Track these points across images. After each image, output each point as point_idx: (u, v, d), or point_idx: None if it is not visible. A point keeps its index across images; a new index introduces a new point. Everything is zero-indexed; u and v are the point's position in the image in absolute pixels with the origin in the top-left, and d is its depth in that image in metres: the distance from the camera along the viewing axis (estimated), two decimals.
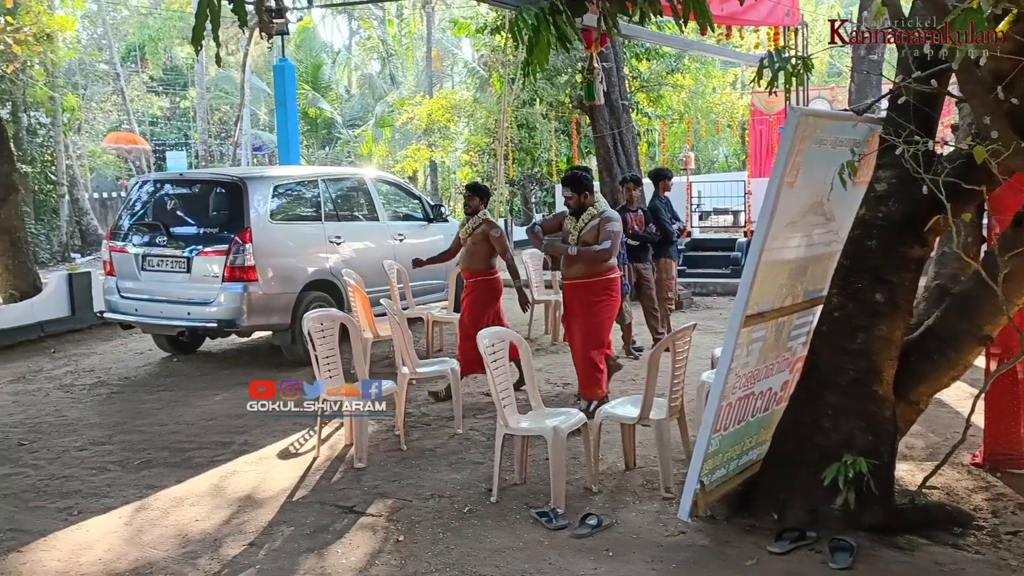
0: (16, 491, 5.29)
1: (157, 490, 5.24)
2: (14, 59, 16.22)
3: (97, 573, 4.16)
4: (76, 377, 8.36)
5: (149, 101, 32.95)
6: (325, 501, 4.99)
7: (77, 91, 24.50)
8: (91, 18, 29.25)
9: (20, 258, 11.02)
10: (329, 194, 9.02)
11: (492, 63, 20.12)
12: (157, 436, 6.34)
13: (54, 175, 20.53)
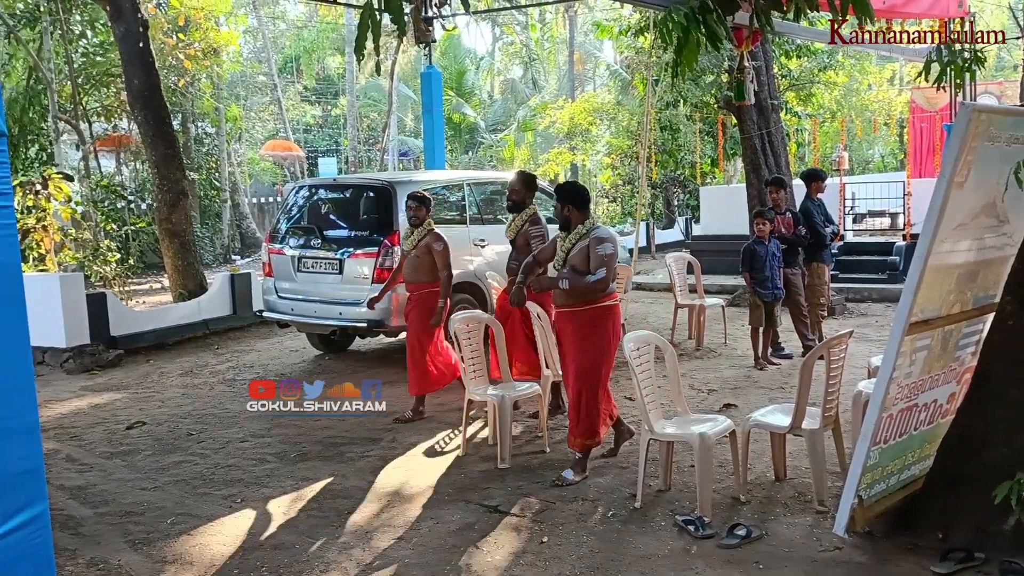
0: (186, 478, 5.64)
1: (312, 482, 5.47)
2: (185, 73, 17.35)
3: (259, 559, 4.37)
4: (237, 372, 8.84)
5: (303, 110, 34.52)
6: (470, 500, 5.07)
7: (238, 102, 25.94)
8: (252, 33, 30.91)
9: (189, 259, 11.74)
10: (473, 197, 9.17)
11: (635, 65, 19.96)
12: (311, 430, 6.61)
13: (218, 181, 21.80)
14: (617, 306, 5.44)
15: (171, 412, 7.36)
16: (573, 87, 31.18)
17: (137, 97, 11.19)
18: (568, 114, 22.86)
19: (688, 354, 8.83)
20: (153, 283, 15.64)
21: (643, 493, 4.86)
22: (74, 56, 16.20)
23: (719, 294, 11.32)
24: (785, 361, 8.29)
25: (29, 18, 16.06)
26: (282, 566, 4.28)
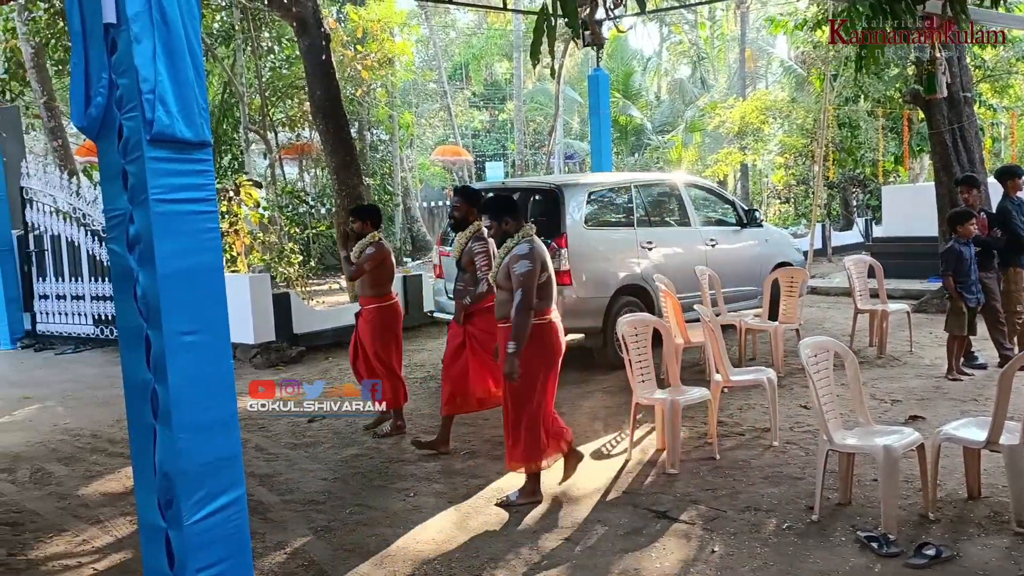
0: (363, 471, 5.89)
1: (481, 479, 5.58)
2: (361, 83, 18.17)
3: (431, 551, 4.50)
4: (409, 371, 9.13)
5: (471, 115, 35.38)
6: (638, 504, 5.02)
7: (411, 109, 26.90)
8: (423, 42, 31.98)
9: None
10: (641, 200, 9.09)
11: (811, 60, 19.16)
12: (480, 429, 6.75)
13: (391, 186, 22.68)
14: (550, 324, 5.01)
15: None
16: (744, 85, 30.33)
17: (319, 107, 11.79)
18: (739, 113, 22.26)
19: (869, 362, 8.37)
20: (332, 284, 16.45)
21: (821, 506, 4.65)
22: (263, 71, 17.30)
23: (903, 299, 10.69)
24: (979, 372, 7.72)
25: (224, 37, 17.28)
26: (453, 560, 4.38)
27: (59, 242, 11.96)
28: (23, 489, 5.91)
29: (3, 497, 5.77)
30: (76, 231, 11.73)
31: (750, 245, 9.84)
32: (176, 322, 2.68)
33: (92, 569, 4.55)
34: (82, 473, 6.23)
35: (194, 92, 2.71)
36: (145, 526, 2.83)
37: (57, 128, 14.49)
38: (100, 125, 2.64)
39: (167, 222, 2.66)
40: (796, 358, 4.75)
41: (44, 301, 12.20)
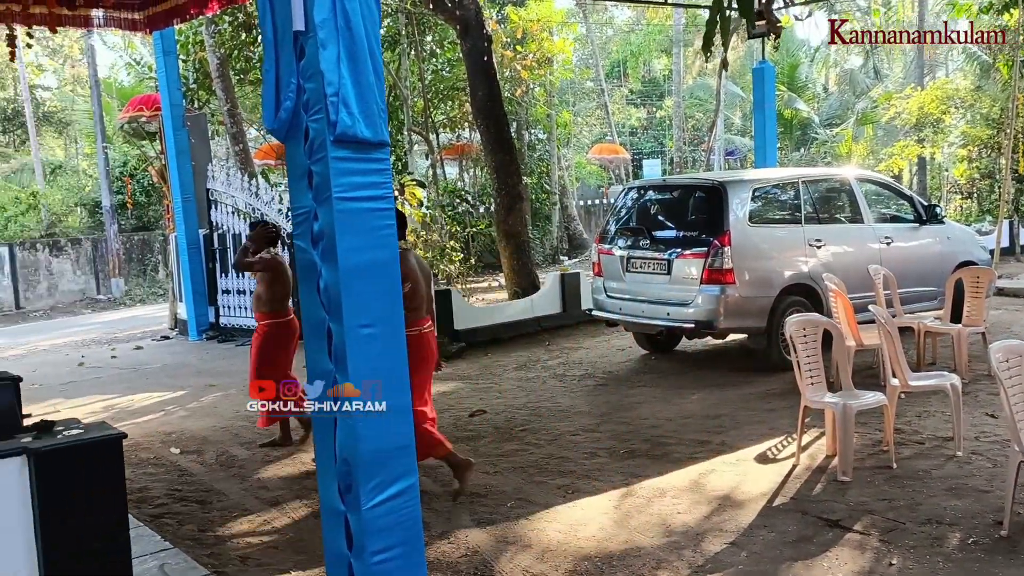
0: (522, 466, 5.96)
1: (640, 479, 5.52)
2: (521, 83, 18.41)
3: (592, 548, 4.50)
4: (567, 368, 9.18)
5: (628, 113, 35.13)
6: (807, 511, 4.83)
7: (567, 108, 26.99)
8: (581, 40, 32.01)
9: (523, 260, 12.42)
10: (809, 196, 8.74)
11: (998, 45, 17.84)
12: (639, 428, 6.69)
13: (548, 185, 22.84)
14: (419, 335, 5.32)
15: (508, 403, 7.82)
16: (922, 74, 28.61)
17: (480, 108, 12.02)
18: (916, 103, 21.02)
19: None
20: (491, 281, 16.76)
21: (1011, 521, 4.32)
22: (425, 74, 17.82)
23: None
24: None
25: (390, 42, 17.92)
26: (614, 558, 4.36)
27: (240, 240, 12.74)
28: (210, 470, 6.34)
29: (193, 477, 6.21)
30: None
31: (930, 243, 9.28)
32: (355, 315, 2.81)
33: (272, 548, 4.82)
34: (261, 457, 6.62)
35: (374, 94, 2.83)
36: (326, 509, 2.97)
37: (239, 133, 15.46)
38: (288, 127, 2.80)
39: (348, 219, 2.79)
40: (982, 363, 4.43)
41: (226, 296, 13.04)
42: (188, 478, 6.19)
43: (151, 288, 22.23)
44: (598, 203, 26.85)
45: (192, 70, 16.07)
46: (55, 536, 3.01)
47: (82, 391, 9.49)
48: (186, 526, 5.21)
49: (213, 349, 12.22)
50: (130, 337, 14.24)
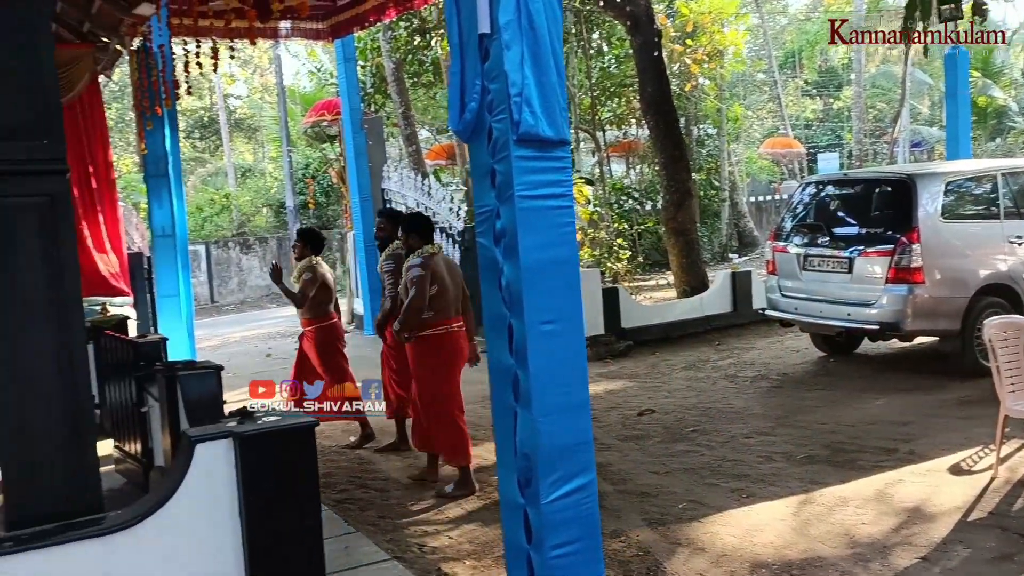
0: (694, 467, 5.86)
1: (821, 486, 5.30)
2: (690, 77, 18.08)
3: (769, 555, 4.36)
4: (739, 369, 8.94)
5: (803, 105, 33.77)
6: (1007, 527, 4.49)
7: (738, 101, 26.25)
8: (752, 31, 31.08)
9: (692, 257, 12.20)
10: (1008, 189, 8.11)
11: None
12: (817, 433, 6.42)
13: (717, 181, 22.31)
14: (447, 333, 5.69)
15: (677, 403, 7.70)
16: None
17: (650, 104, 11.90)
18: None
19: None
20: (658, 279, 16.56)
21: None
22: (592, 71, 17.81)
23: None
24: None
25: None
26: (793, 566, 4.22)
27: None
28: (387, 460, 6.60)
29: (372, 466, 6.49)
30: None
31: None
32: (536, 312, 2.85)
33: (447, 537, 4.96)
34: None
35: (556, 93, 2.86)
36: (506, 502, 3.04)
37: (412, 135, 16.00)
38: (472, 128, 2.87)
39: (530, 217, 2.83)
40: None
41: None
42: (368, 466, 6.47)
43: None
44: (770, 199, 25.95)
45: (369, 75, 16.78)
46: (256, 511, 3.22)
47: None
48: (367, 512, 5.45)
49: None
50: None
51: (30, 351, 3.25)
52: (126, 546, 3.09)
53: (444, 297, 5.70)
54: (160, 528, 3.14)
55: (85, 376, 3.39)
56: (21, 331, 3.24)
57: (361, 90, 14.41)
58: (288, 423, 3.34)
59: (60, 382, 3.30)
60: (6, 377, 3.23)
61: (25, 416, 3.22)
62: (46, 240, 3.29)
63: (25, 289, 3.25)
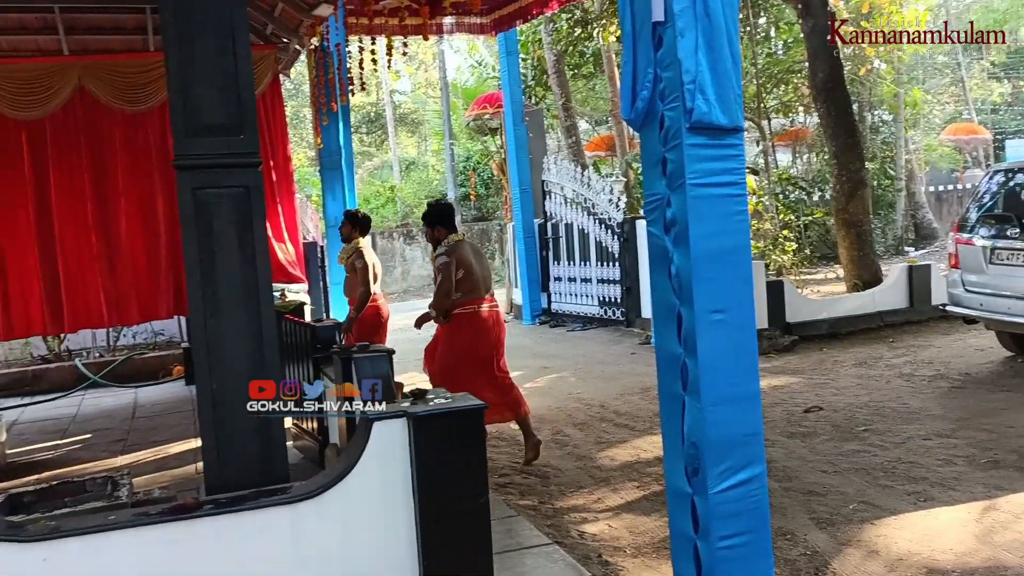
0: (866, 467, 5.62)
1: (1007, 492, 4.97)
2: (865, 62, 17.22)
3: (949, 562, 4.14)
4: (915, 368, 8.48)
5: (989, 88, 31.44)
6: None
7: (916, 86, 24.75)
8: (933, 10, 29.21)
9: (864, 250, 11.65)
10: None
11: None
12: (1004, 437, 6.02)
13: (892, 170, 21.16)
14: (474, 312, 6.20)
15: (847, 401, 7.40)
16: None
17: (821, 90, 11.45)
18: None
19: None
20: (826, 273, 15.91)
21: None
22: (758, 58, 17.28)
23: None
24: None
25: None
26: (975, 573, 3.98)
27: (571, 229, 13.29)
28: (547, 447, 6.69)
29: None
30: (586, 219, 12.92)
31: None
32: (706, 301, 2.83)
33: (607, 525, 5.00)
34: (594, 439, 6.87)
35: (731, 80, 2.82)
36: (672, 490, 3.03)
37: (572, 127, 16.06)
38: (644, 116, 2.87)
39: (701, 205, 2.81)
40: None
41: (558, 283, 13.66)
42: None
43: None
44: (951, 189, 24.37)
45: (530, 68, 16.96)
46: (428, 488, 3.37)
47: None
48: (527, 497, 5.56)
49: (545, 333, 12.87)
50: None
51: (227, 330, 3.52)
52: (310, 514, 3.31)
53: (471, 279, 6.25)
54: (340, 499, 3.34)
55: (275, 355, 3.64)
56: (219, 312, 3.52)
57: (522, 83, 14.59)
58: (459, 405, 3.47)
59: (253, 359, 3.56)
60: (206, 354, 3.52)
61: (225, 388, 3.50)
62: (240, 228, 3.56)
63: (223, 273, 3.53)
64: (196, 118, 3.46)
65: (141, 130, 8.84)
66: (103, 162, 8.79)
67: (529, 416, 6.42)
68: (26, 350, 11.11)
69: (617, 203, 12.24)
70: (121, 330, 11.16)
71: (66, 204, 8.69)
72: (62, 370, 10.36)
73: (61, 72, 8.47)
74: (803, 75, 16.40)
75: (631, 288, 11.99)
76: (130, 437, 7.52)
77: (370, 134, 33.43)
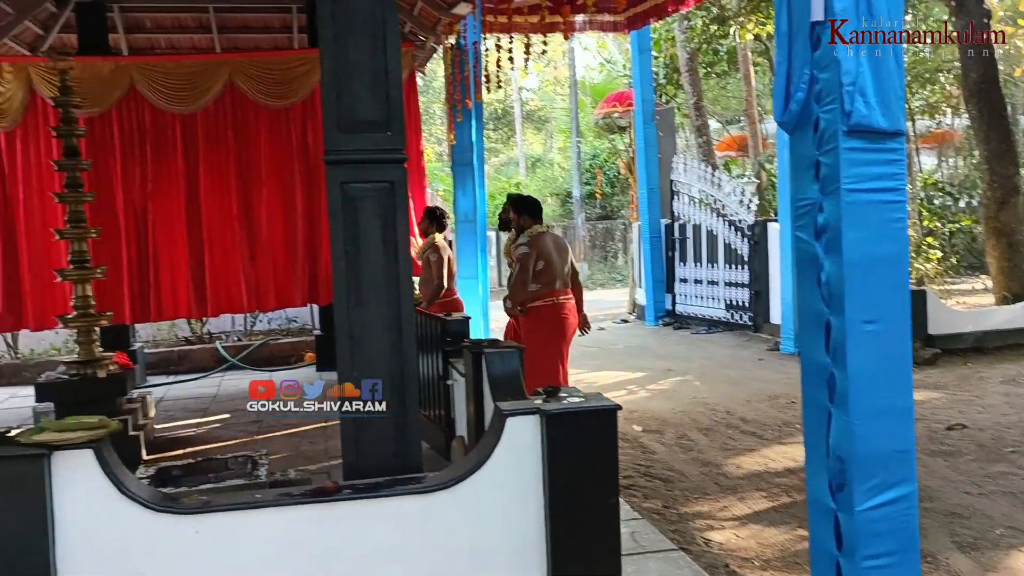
0: (1014, 491, 5.31)
1: None
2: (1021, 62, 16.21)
3: None
4: None
5: None
6: None
7: None
8: None
9: (1016, 260, 10.99)
10: None
11: None
12: None
13: None
14: (552, 304, 6.27)
15: (994, 420, 7.00)
16: None
17: (973, 91, 10.86)
18: None
19: None
20: (973, 283, 15.07)
21: None
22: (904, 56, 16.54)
23: None
24: None
25: None
26: None
27: (699, 231, 13.06)
28: (670, 451, 6.61)
29: (655, 455, 6.53)
30: (715, 220, 12.67)
31: None
32: (858, 310, 2.72)
33: (733, 534, 4.89)
34: (719, 445, 6.74)
35: (893, 82, 2.70)
36: (814, 504, 2.94)
37: (703, 126, 15.79)
38: (798, 119, 2.79)
39: (856, 211, 2.70)
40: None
41: (683, 284, 13.46)
42: (651, 456, 6.53)
43: (610, 273, 23.75)
44: None
45: (661, 66, 16.76)
46: (559, 485, 3.38)
47: None
48: (651, 500, 5.50)
49: (669, 335, 12.71)
50: (593, 318, 15.33)
51: (369, 320, 3.63)
52: (443, 504, 3.38)
53: (550, 272, 6.34)
54: (473, 492, 3.39)
55: (412, 347, 3.73)
56: (362, 302, 3.63)
57: (653, 81, 14.44)
58: (592, 405, 3.46)
59: (392, 350, 3.66)
60: (348, 342, 3.63)
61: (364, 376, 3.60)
62: (384, 222, 3.66)
63: (367, 265, 3.63)
64: (347, 115, 3.57)
65: (283, 125, 9.20)
66: (248, 155, 9.19)
67: None
68: (172, 331, 11.78)
69: (748, 205, 11.96)
70: (257, 316, 11.69)
71: (213, 194, 9.13)
72: (204, 352, 10.92)
73: (214, 69, 8.90)
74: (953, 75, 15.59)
75: (760, 292, 11.70)
76: (265, 419, 7.86)
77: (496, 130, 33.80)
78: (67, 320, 6.53)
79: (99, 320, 6.52)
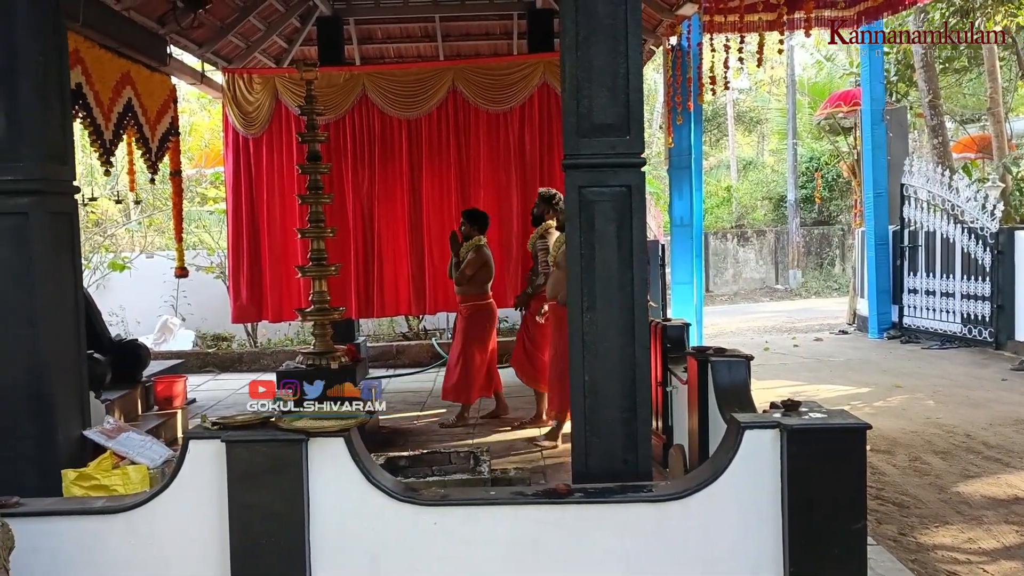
0: None
1: None
2: None
3: None
4: None
5: None
6: None
7: None
8: None
9: None
10: None
11: None
12: None
13: None
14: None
15: None
16: None
17: None
18: None
19: None
20: None
21: None
22: None
23: None
24: None
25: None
26: None
27: (932, 238, 12.13)
28: (903, 474, 6.17)
29: (886, 477, 6.11)
30: (950, 227, 11.74)
31: None
32: None
33: (982, 570, 4.48)
34: (959, 470, 6.21)
35: None
36: None
37: (938, 126, 14.65)
38: None
39: None
40: None
41: (912, 295, 12.55)
42: (881, 477, 6.12)
43: (826, 281, 22.61)
44: None
45: (893, 63, 15.73)
46: (799, 506, 3.21)
47: (769, 374, 10.07)
48: (885, 525, 5.16)
49: (896, 349, 11.90)
50: (808, 328, 14.69)
51: (602, 324, 3.62)
52: (675, 515, 3.30)
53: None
54: (706, 504, 3.30)
55: (645, 354, 3.67)
56: (595, 306, 3.62)
57: (883, 78, 13.57)
58: (839, 422, 3.27)
59: (624, 354, 3.62)
60: (581, 345, 3.63)
61: (596, 380, 3.59)
62: (620, 227, 3.63)
63: (601, 269, 3.62)
64: (587, 119, 3.57)
65: (501, 129, 9.41)
66: (467, 158, 9.48)
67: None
68: (391, 327, 12.37)
69: (992, 211, 10.98)
70: None
71: (434, 196, 9.49)
72: (420, 348, 11.39)
73: (438, 76, 9.26)
74: None
75: (1003, 306, 10.72)
76: (478, 416, 8.07)
77: (706, 132, 33.08)
78: (305, 313, 6.99)
79: (333, 314, 6.92)
